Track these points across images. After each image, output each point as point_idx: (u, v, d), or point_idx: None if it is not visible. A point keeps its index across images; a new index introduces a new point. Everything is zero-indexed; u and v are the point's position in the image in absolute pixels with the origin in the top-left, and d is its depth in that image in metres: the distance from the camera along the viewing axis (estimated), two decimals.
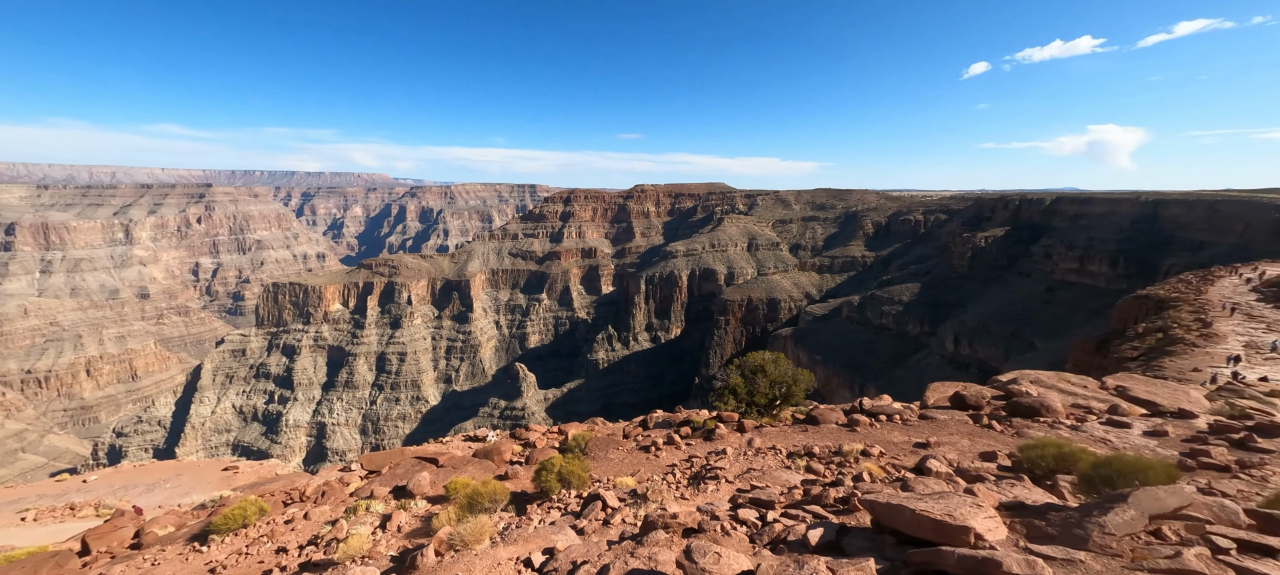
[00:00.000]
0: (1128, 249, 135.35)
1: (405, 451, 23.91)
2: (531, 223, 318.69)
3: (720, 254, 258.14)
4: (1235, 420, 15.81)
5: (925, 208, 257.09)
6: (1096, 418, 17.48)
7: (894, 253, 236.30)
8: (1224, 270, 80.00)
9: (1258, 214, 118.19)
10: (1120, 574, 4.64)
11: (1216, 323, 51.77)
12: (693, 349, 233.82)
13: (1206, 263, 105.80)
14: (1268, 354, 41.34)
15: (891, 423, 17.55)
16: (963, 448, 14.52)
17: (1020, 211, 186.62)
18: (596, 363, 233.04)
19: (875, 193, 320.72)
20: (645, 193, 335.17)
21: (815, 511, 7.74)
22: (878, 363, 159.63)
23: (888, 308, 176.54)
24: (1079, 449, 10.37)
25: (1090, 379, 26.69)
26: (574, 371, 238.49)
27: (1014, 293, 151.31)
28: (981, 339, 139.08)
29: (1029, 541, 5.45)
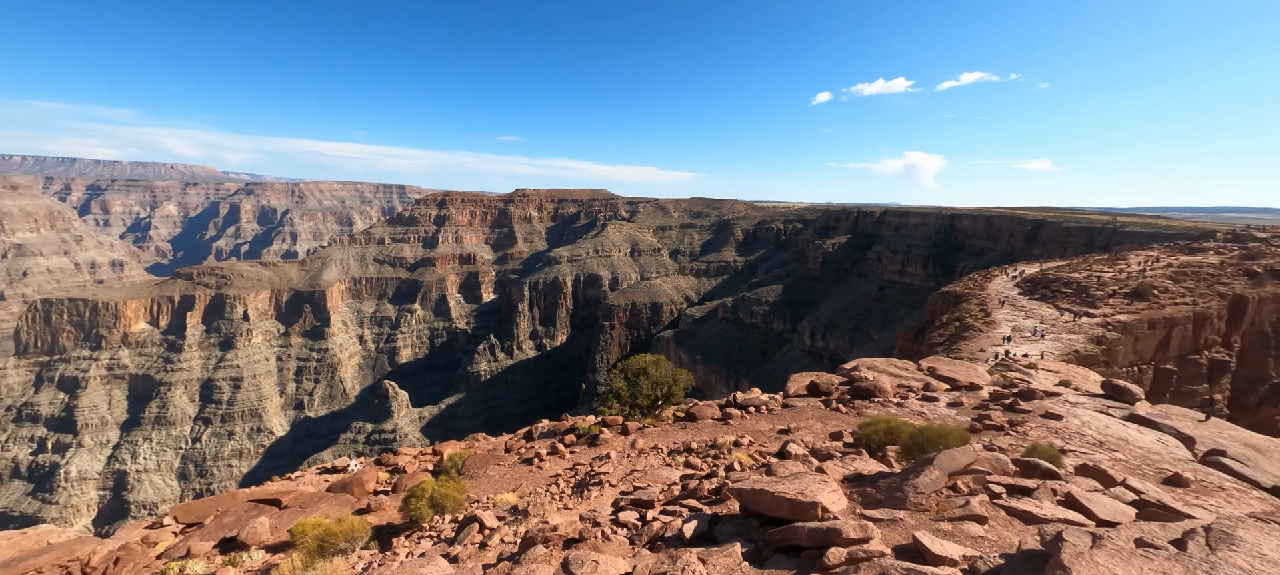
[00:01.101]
0: (935, 254, 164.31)
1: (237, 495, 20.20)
2: (401, 226, 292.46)
3: (604, 260, 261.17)
4: (1006, 389, 19.98)
5: (785, 217, 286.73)
6: (915, 394, 20.88)
7: (761, 258, 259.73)
8: (997, 271, 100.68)
9: (1016, 226, 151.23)
10: (928, 524, 5.64)
11: (994, 312, 64.93)
12: (579, 355, 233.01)
13: (986, 265, 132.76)
14: (1028, 336, 52.99)
15: (759, 413, 19.14)
16: (816, 430, 16.33)
17: (858, 222, 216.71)
18: (478, 375, 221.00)
19: (744, 203, 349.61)
20: (527, 197, 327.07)
21: (691, 505, 8.11)
22: (749, 358, 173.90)
23: (756, 308, 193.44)
24: (902, 423, 12.25)
25: (910, 362, 31.82)
26: (453, 386, 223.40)
27: (856, 292, 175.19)
28: (831, 332, 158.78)
29: (863, 508, 6.33)
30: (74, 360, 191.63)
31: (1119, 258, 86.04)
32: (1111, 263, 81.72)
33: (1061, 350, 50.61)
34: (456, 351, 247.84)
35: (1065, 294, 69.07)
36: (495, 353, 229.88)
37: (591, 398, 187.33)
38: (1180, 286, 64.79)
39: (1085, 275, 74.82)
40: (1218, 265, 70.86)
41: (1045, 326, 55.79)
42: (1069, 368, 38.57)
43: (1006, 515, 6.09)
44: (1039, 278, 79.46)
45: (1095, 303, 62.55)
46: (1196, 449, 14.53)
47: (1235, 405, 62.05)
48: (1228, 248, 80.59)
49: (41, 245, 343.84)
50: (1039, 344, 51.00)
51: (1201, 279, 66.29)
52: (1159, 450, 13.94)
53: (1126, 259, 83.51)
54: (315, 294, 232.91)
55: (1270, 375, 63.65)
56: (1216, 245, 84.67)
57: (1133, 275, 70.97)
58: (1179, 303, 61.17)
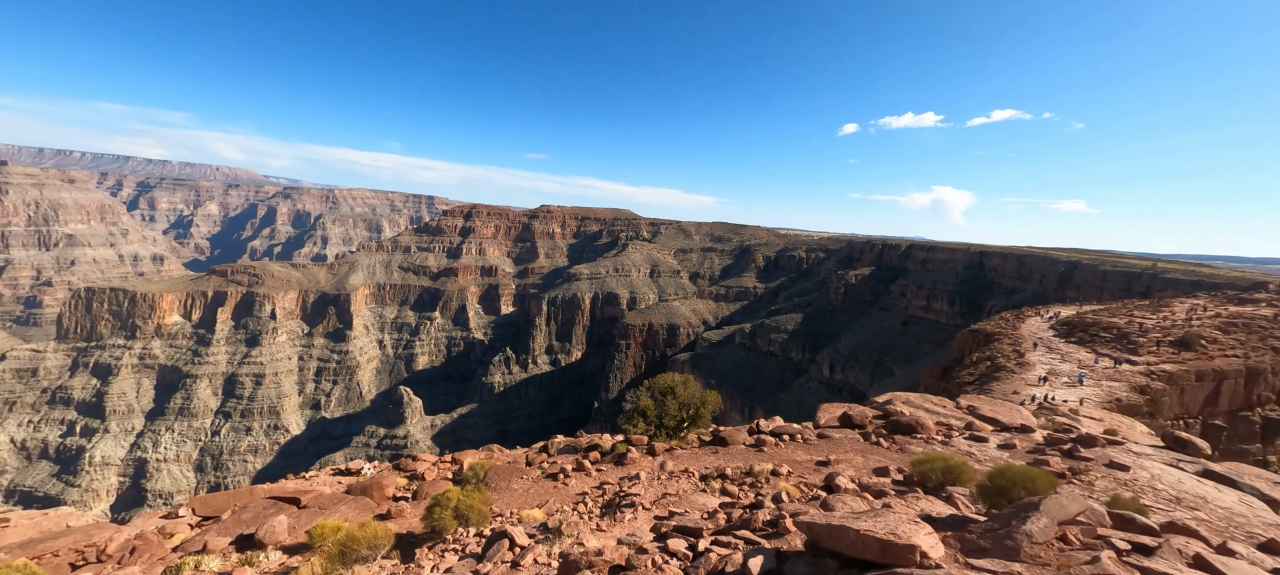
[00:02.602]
0: (961, 291, 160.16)
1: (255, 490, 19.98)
2: (428, 236, 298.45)
3: (623, 279, 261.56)
4: (1062, 434, 18.71)
5: (808, 246, 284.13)
6: (959, 433, 19.71)
7: (781, 285, 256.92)
8: (1031, 311, 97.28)
9: (1049, 267, 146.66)
10: None
11: (1027, 354, 62.36)
12: (593, 373, 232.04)
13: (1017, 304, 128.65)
14: (1066, 381, 50.57)
15: (794, 442, 18.24)
16: (857, 464, 15.39)
17: (883, 254, 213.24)
18: (492, 386, 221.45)
19: (767, 229, 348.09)
20: (551, 213, 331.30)
21: (746, 536, 7.44)
22: (766, 386, 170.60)
23: (775, 336, 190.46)
24: (961, 462, 11.35)
25: (947, 400, 30.41)
26: (466, 396, 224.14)
27: (877, 325, 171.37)
28: (852, 365, 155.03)
29: (965, 556, 5.62)
30: (109, 348, 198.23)
31: (1162, 304, 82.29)
32: (1154, 309, 78.13)
33: (1101, 397, 48.07)
34: (472, 362, 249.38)
35: (1104, 339, 66.03)
36: (510, 365, 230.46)
37: (604, 417, 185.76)
38: (1230, 338, 61.37)
39: (1126, 320, 71.57)
40: (1271, 317, 67.08)
41: (1084, 371, 53.22)
42: (1113, 416, 36.47)
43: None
44: (1076, 320, 76.33)
45: (1137, 350, 59.56)
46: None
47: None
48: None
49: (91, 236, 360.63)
50: (1078, 390, 48.57)
51: (1253, 331, 62.73)
52: (1243, 512, 12.68)
53: (1171, 306, 79.78)
54: (340, 297, 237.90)
55: None
56: (1269, 297, 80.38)
57: (1178, 323, 67.62)
58: (1229, 355, 57.84)
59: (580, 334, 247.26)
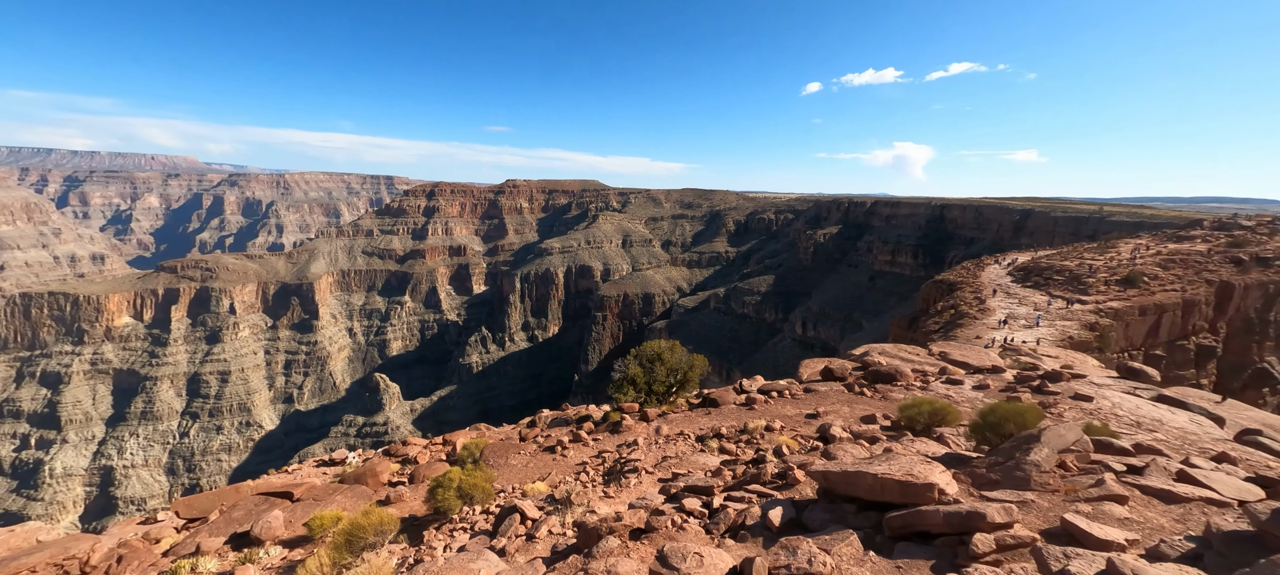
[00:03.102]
0: (925, 244, 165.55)
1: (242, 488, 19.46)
2: (390, 218, 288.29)
3: (596, 251, 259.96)
4: (1029, 372, 19.84)
5: (776, 208, 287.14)
6: (935, 378, 20.68)
7: (752, 248, 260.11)
8: (989, 259, 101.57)
9: (1005, 216, 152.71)
10: (1063, 506, 5.27)
11: (988, 300, 65.34)
12: (571, 346, 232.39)
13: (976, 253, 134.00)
14: (1024, 323, 53.40)
15: (782, 398, 18.80)
16: (845, 414, 16.01)
17: (849, 212, 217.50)
18: (469, 366, 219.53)
19: (735, 193, 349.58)
20: (518, 188, 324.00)
21: (758, 490, 7.69)
22: (742, 348, 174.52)
23: (748, 298, 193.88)
24: (946, 404, 11.94)
25: (920, 348, 31.74)
26: (444, 378, 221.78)
27: (846, 281, 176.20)
28: (823, 322, 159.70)
29: (977, 489, 5.97)
30: (56, 355, 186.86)
31: (1109, 246, 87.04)
32: (1102, 250, 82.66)
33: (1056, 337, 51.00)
34: (447, 343, 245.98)
35: (1058, 281, 69.63)
36: (486, 345, 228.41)
37: (585, 389, 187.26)
38: (1169, 273, 65.66)
39: (1077, 263, 75.58)
40: (1205, 253, 71.89)
41: (1040, 312, 56.24)
42: (1068, 353, 38.83)
43: (1142, 494, 5.74)
44: (1031, 266, 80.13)
45: (1087, 290, 63.15)
46: (1228, 429, 14.43)
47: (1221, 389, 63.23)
48: (1215, 236, 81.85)
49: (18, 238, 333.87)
50: (1035, 331, 51.36)
51: (1189, 266, 67.23)
52: (1195, 430, 13.80)
53: (1116, 247, 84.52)
54: (303, 287, 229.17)
55: (1254, 360, 64.84)
56: (1203, 233, 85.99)
57: (1123, 263, 71.82)
58: (1168, 289, 61.97)
59: (556, 309, 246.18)
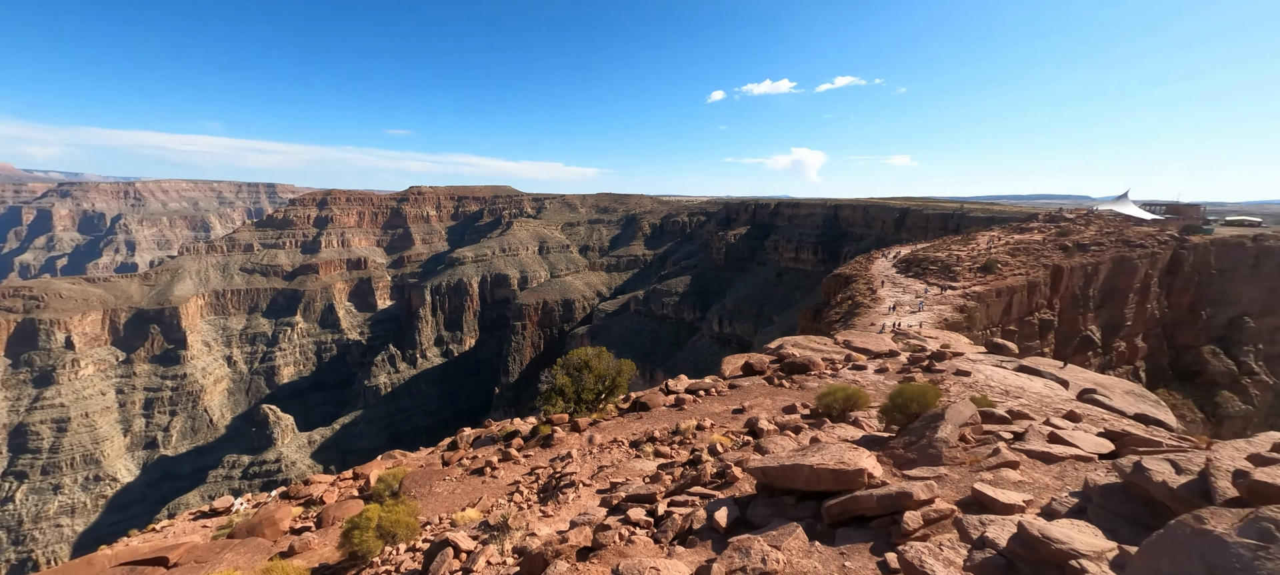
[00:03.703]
0: (823, 241, 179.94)
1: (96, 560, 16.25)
2: (274, 230, 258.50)
3: (512, 258, 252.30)
4: (919, 353, 22.22)
5: (690, 210, 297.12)
6: (842, 365, 22.50)
7: (668, 250, 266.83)
8: (877, 253, 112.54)
9: (887, 214, 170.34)
10: (971, 476, 5.94)
11: (878, 290, 72.37)
12: (490, 359, 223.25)
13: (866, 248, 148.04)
14: (908, 309, 59.83)
15: (709, 396, 19.40)
16: (768, 406, 16.87)
17: (755, 214, 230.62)
18: (377, 389, 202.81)
19: (650, 197, 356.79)
20: (424, 195, 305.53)
21: (700, 492, 7.84)
22: (663, 348, 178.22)
23: (667, 299, 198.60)
24: (857, 389, 13.01)
25: (827, 338, 34.35)
26: (348, 403, 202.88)
27: (756, 279, 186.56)
28: (738, 318, 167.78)
29: (899, 470, 6.55)
30: None
31: (970, 238, 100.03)
32: (965, 242, 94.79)
33: (935, 320, 57.69)
34: (350, 365, 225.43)
35: (933, 271, 78.78)
36: (395, 364, 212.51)
37: (507, 402, 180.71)
38: (1016, 260, 76.89)
39: (946, 254, 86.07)
40: (1041, 242, 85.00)
41: (922, 299, 63.34)
42: (945, 333, 44.09)
43: (1029, 458, 6.62)
44: (911, 258, 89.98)
45: (956, 277, 72.08)
46: (1072, 389, 17.17)
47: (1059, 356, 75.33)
48: (1047, 227, 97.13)
49: None
50: (918, 315, 57.74)
51: (1030, 253, 79.21)
52: (1048, 394, 16.23)
53: (976, 239, 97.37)
54: (165, 312, 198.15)
55: (1080, 329, 77.90)
56: (1039, 226, 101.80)
57: (981, 253, 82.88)
58: (1016, 274, 72.55)
59: (471, 320, 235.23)
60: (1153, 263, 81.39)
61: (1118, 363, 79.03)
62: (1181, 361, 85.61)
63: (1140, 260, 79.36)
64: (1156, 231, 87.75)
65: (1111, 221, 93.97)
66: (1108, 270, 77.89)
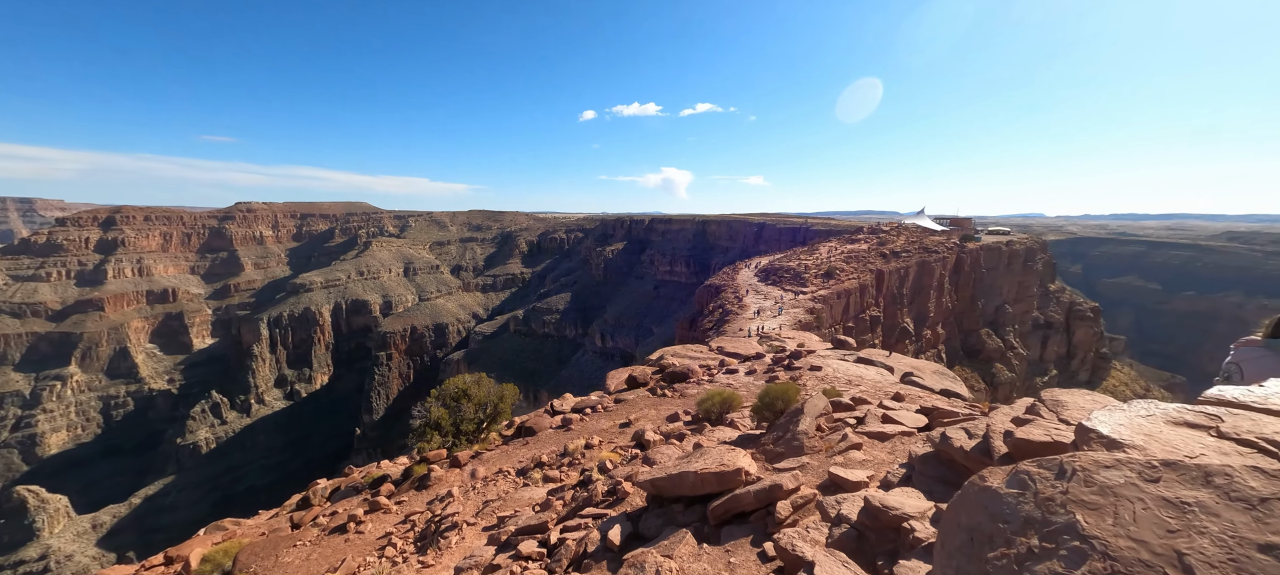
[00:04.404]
0: (694, 254, 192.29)
1: None
2: (32, 258, 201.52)
3: (373, 282, 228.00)
4: (780, 354, 24.79)
5: (567, 227, 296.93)
6: (718, 371, 24.19)
7: (547, 267, 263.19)
8: (742, 264, 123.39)
9: (748, 229, 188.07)
10: (828, 461, 6.78)
11: (745, 298, 79.29)
12: (349, 395, 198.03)
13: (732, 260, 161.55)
14: (770, 314, 66.41)
15: (596, 413, 19.48)
16: (653, 417, 17.47)
17: (631, 230, 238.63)
18: (195, 447, 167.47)
19: (526, 214, 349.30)
20: (255, 212, 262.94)
21: (593, 513, 7.83)
22: (547, 367, 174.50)
23: (548, 317, 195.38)
24: (731, 393, 14.11)
25: (702, 346, 36.64)
26: (153, 469, 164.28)
27: (635, 292, 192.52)
28: (619, 332, 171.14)
29: (770, 464, 7.21)
30: None
31: (814, 249, 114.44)
32: (811, 253, 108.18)
33: (791, 322, 64.86)
34: (154, 421, 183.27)
35: (787, 278, 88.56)
36: (221, 414, 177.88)
37: (372, 445, 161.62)
38: (850, 266, 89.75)
39: (797, 263, 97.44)
40: (866, 251, 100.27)
41: (781, 304, 70.78)
42: (800, 334, 49.82)
43: (868, 438, 7.73)
44: (770, 267, 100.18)
45: (805, 283, 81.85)
46: (897, 375, 20.50)
47: (884, 345, 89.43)
48: (870, 238, 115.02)
49: None
50: (778, 319, 64.40)
51: (860, 260, 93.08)
52: (880, 380, 19.18)
53: (819, 249, 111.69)
54: None
55: (899, 322, 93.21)
56: (864, 237, 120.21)
57: (824, 261, 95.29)
58: (851, 278, 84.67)
59: (323, 354, 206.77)
60: (944, 265, 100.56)
61: (926, 348, 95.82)
62: (968, 343, 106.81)
63: (936, 264, 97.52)
64: (945, 240, 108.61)
65: (915, 233, 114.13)
66: (915, 272, 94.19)
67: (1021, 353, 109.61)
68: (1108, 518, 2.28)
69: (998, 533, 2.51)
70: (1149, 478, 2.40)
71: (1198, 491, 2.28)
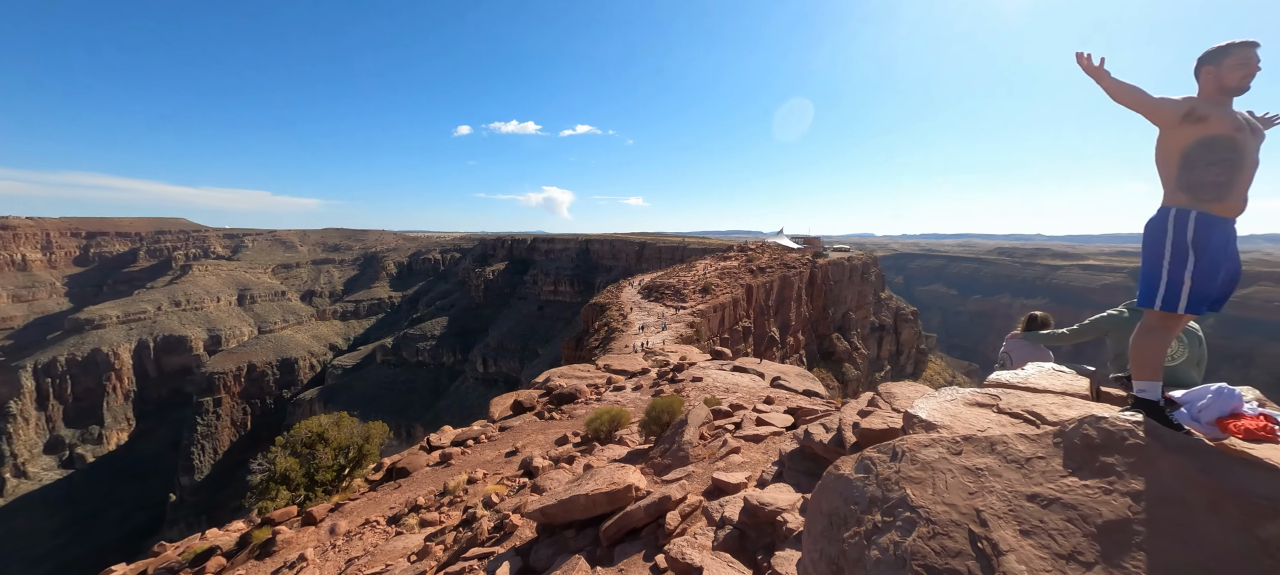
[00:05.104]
0: (578, 273, 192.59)
1: None
2: None
3: (194, 313, 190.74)
4: (664, 368, 25.74)
5: (442, 247, 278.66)
6: (606, 389, 24.33)
7: (420, 291, 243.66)
8: (625, 282, 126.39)
9: (630, 248, 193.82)
10: (712, 468, 7.13)
11: (629, 315, 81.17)
12: (160, 453, 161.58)
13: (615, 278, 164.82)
14: (653, 329, 68.72)
15: (479, 444, 18.35)
16: (541, 442, 16.97)
17: (513, 249, 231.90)
18: None
19: (393, 233, 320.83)
20: (14, 230, 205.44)
21: (479, 553, 7.27)
22: (421, 399, 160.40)
23: (422, 344, 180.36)
24: (619, 409, 14.29)
25: (590, 365, 36.61)
26: None
27: (518, 314, 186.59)
28: (502, 356, 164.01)
29: (659, 477, 7.37)
30: None
31: (692, 266, 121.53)
32: (689, 269, 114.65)
33: (674, 336, 67.78)
34: None
35: (669, 295, 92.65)
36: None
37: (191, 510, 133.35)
38: (724, 282, 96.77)
39: (677, 281, 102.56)
40: (737, 267, 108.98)
41: (664, 320, 73.64)
42: (682, 348, 52.31)
43: (746, 442, 8.28)
44: (652, 285, 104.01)
45: (685, 299, 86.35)
46: (767, 380, 22.47)
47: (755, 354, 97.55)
48: (740, 255, 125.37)
49: None
50: (662, 334, 66.90)
51: (732, 276, 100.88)
52: (753, 386, 20.86)
53: (696, 266, 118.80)
54: None
55: (767, 331, 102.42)
56: (735, 254, 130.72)
57: (701, 277, 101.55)
58: (725, 293, 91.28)
59: (120, 406, 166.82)
60: (801, 278, 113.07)
61: (790, 353, 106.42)
62: (823, 347, 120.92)
63: (794, 277, 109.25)
64: (800, 256, 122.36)
65: (776, 250, 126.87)
66: (778, 286, 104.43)
67: (864, 352, 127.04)
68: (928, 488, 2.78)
69: (851, 514, 2.91)
70: (954, 451, 2.97)
71: (987, 458, 2.88)
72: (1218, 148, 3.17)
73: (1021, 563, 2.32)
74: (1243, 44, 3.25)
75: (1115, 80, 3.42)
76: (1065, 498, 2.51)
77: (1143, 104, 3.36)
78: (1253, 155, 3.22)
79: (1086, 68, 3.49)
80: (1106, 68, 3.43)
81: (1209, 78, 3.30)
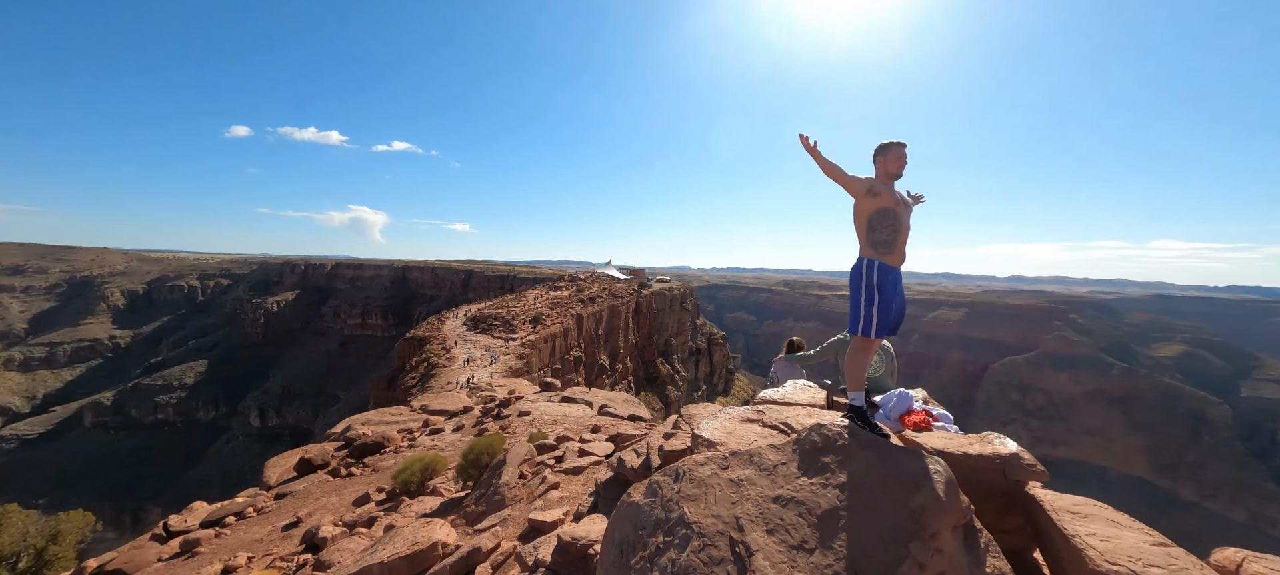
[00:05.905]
0: (392, 304, 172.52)
1: None
2: None
3: None
4: (490, 403, 24.39)
5: (202, 272, 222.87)
6: (421, 433, 21.97)
7: (164, 327, 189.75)
8: (449, 313, 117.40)
9: (454, 276, 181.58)
10: (529, 508, 6.81)
11: (453, 348, 75.28)
12: None
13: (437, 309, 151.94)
14: (480, 362, 64.81)
15: (243, 519, 14.77)
16: (335, 505, 14.46)
17: (307, 275, 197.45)
18: None
19: (123, 252, 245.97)
20: None
21: None
22: (163, 471, 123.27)
23: (164, 397, 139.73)
24: (434, 455, 13.05)
25: (403, 407, 32.67)
26: None
27: (313, 352, 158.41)
28: (289, 404, 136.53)
29: (471, 526, 6.73)
30: None
31: (522, 296, 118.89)
32: (519, 299, 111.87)
33: (503, 369, 64.84)
34: None
35: (497, 326, 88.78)
36: None
37: None
38: (554, 312, 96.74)
39: (506, 311, 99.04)
40: (568, 297, 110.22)
41: (493, 353, 70.05)
42: (511, 380, 50.35)
43: (566, 475, 8.14)
44: (479, 315, 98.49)
45: (515, 330, 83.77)
46: (595, 408, 22.94)
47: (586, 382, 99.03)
48: (570, 286, 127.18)
49: None
50: (489, 367, 63.47)
51: (562, 306, 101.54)
52: (582, 415, 21.09)
53: (526, 296, 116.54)
54: None
55: (597, 359, 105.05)
56: (565, 284, 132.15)
57: (531, 308, 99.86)
58: (556, 323, 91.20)
59: None
60: (629, 307, 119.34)
61: (619, 380, 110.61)
62: (649, 371, 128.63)
63: (623, 306, 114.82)
64: (628, 287, 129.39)
65: (605, 281, 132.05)
66: (607, 315, 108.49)
67: (684, 375, 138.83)
68: (701, 504, 3.17)
69: (638, 539, 3.14)
70: (723, 466, 3.46)
71: (747, 469, 3.42)
72: (887, 216, 4.45)
73: (767, 559, 2.79)
74: (897, 143, 4.65)
75: (825, 159, 4.56)
76: (798, 496, 3.12)
77: (842, 179, 4.56)
78: (906, 222, 4.60)
79: (807, 147, 4.59)
80: (819, 149, 4.56)
81: (879, 165, 4.64)
